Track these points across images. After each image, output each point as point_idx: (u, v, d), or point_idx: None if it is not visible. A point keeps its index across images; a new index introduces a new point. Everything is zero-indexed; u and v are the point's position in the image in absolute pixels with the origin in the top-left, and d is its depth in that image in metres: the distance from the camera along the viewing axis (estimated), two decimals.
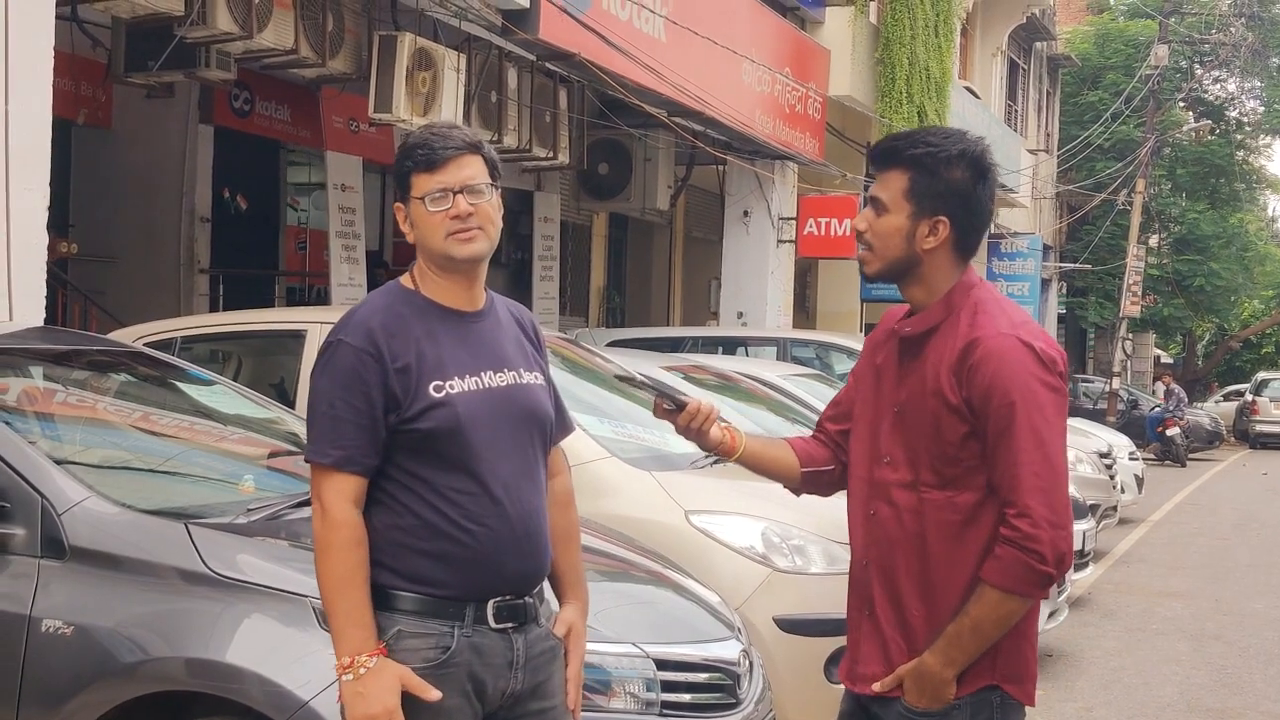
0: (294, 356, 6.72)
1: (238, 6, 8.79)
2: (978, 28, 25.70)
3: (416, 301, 2.94)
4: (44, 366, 4.89)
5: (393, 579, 2.84)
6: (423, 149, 2.90)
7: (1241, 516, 17.73)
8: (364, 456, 2.82)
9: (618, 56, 11.33)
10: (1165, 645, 9.13)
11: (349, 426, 2.81)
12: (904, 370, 2.96)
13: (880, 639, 2.96)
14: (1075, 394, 29.16)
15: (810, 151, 16.17)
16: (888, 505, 2.94)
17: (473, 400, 2.88)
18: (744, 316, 16.28)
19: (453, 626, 2.84)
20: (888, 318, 3.12)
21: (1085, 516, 10.46)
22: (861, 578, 3.02)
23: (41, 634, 3.55)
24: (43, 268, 6.44)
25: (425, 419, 2.83)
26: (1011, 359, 2.80)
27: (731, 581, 5.37)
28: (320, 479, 2.85)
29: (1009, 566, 2.77)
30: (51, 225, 6.59)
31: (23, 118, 6.27)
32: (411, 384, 2.84)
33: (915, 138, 2.95)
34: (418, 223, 2.92)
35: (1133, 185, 30.13)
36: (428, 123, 3.56)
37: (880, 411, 3.01)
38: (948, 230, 2.90)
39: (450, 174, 2.88)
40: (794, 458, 3.21)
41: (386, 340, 2.84)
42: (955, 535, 2.86)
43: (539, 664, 2.97)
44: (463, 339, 2.94)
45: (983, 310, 2.89)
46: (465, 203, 2.88)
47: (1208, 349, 45.82)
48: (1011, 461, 2.78)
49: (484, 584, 2.87)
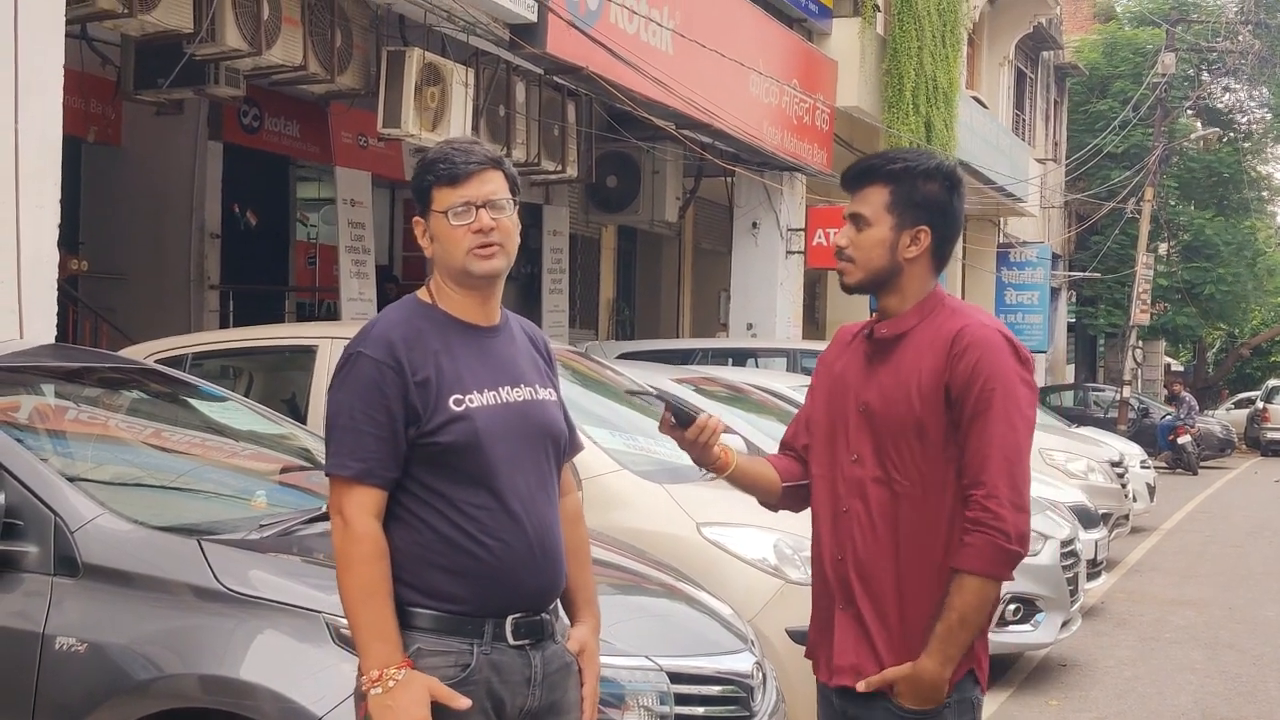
0: (305, 372, 6.73)
1: (247, 24, 8.82)
2: (984, 37, 25.72)
3: (434, 315, 2.94)
4: (56, 384, 4.90)
5: (411, 595, 2.82)
6: (445, 163, 2.90)
7: (1254, 524, 17.67)
8: (384, 469, 2.81)
9: (626, 70, 11.35)
10: (1179, 654, 9.10)
11: (369, 439, 2.80)
12: (871, 371, 3.11)
13: (861, 630, 3.06)
14: (1086, 402, 29.10)
15: (818, 162, 16.18)
16: (860, 501, 3.06)
17: (491, 415, 2.88)
18: (753, 328, 16.27)
19: (472, 644, 2.83)
20: (843, 333, 3.31)
21: (1097, 525, 10.45)
22: (838, 573, 3.10)
23: (55, 651, 3.55)
24: (54, 285, 6.45)
25: (445, 432, 2.82)
26: (996, 349, 2.98)
27: (744, 593, 5.37)
28: (340, 491, 2.83)
29: (982, 551, 2.91)
30: (62, 242, 6.60)
31: (33, 136, 6.28)
32: (431, 397, 2.83)
33: (891, 156, 3.15)
34: (438, 236, 2.92)
35: (1141, 193, 30.08)
36: (444, 139, 3.53)
37: (845, 413, 3.13)
38: (929, 240, 3.08)
39: (473, 188, 2.88)
40: (775, 474, 3.28)
41: (406, 353, 2.84)
42: (927, 524, 3.00)
43: (555, 681, 2.95)
44: (480, 354, 2.94)
45: (960, 310, 3.09)
46: (488, 217, 2.88)
47: (1218, 356, 45.73)
48: (985, 443, 2.93)
49: (502, 600, 2.86)
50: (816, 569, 3.20)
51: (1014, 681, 8.18)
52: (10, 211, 6.16)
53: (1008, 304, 27.13)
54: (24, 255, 6.20)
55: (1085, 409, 27.85)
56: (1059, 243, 32.28)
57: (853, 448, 3.09)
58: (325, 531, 4.07)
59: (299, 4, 9.34)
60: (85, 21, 8.63)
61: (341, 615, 3.30)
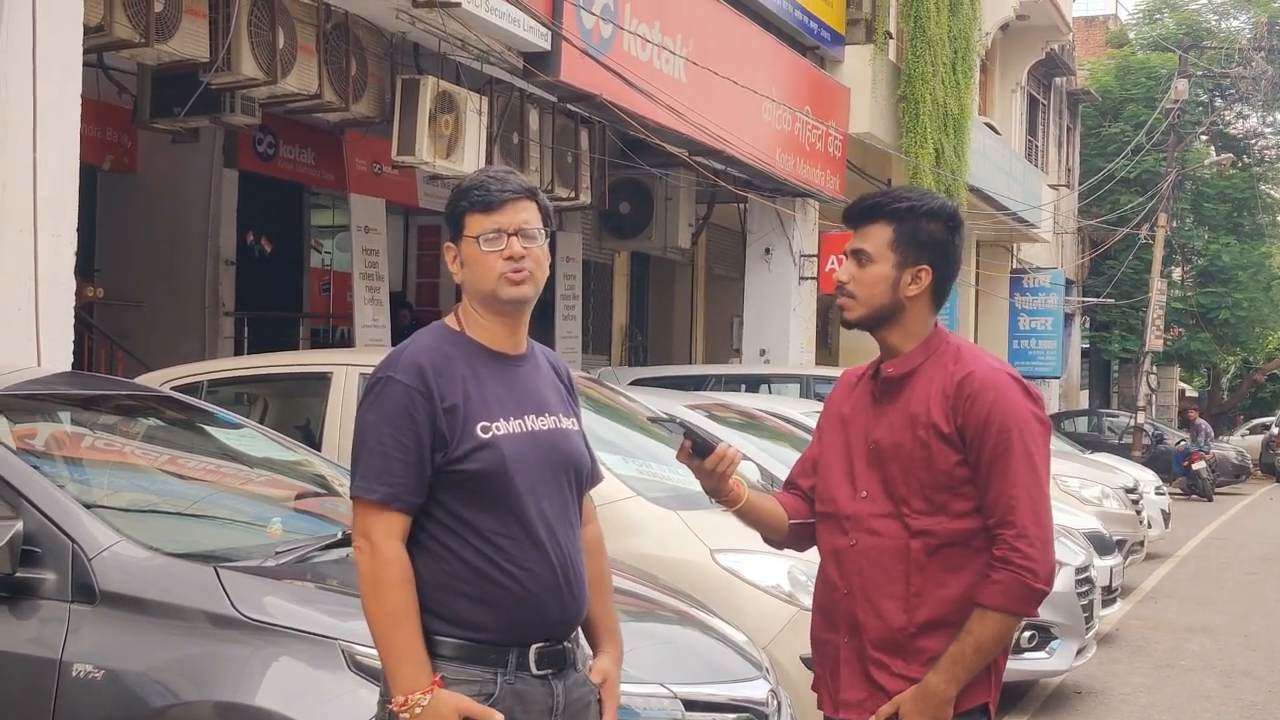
0: (320, 399, 6.75)
1: (262, 53, 8.88)
2: (997, 64, 25.75)
3: (461, 343, 2.96)
4: (72, 411, 4.92)
5: (435, 624, 2.83)
6: (480, 190, 2.95)
7: (1270, 550, 17.59)
8: (410, 494, 2.83)
9: (638, 97, 11.39)
10: (1195, 681, 9.06)
11: (397, 464, 2.81)
12: (879, 410, 3.16)
13: (862, 662, 3.09)
14: (1100, 428, 29.04)
15: (831, 189, 16.20)
16: (869, 535, 3.10)
17: (518, 443, 2.90)
18: (767, 354, 16.27)
19: (495, 672, 2.84)
20: (848, 375, 3.37)
21: (1112, 552, 10.42)
22: (843, 605, 3.13)
23: (72, 678, 3.56)
24: (70, 313, 6.49)
25: (472, 460, 2.84)
26: (1007, 391, 3.04)
27: (758, 620, 5.36)
28: (366, 515, 2.83)
29: (1010, 589, 2.97)
30: (77, 270, 6.65)
31: (51, 164, 6.33)
32: (459, 424, 2.85)
33: (894, 195, 3.21)
34: (469, 262, 2.95)
35: (1155, 219, 30.06)
36: (477, 167, 3.56)
37: (852, 453, 3.18)
38: (929, 278, 3.14)
39: (506, 216, 2.93)
40: (783, 511, 3.31)
41: (435, 379, 2.86)
42: (940, 554, 3.04)
43: (576, 710, 2.96)
44: (506, 381, 2.96)
45: (965, 352, 3.14)
46: (519, 244, 2.92)
47: (1233, 382, 45.58)
48: (1010, 484, 2.99)
49: (526, 629, 2.87)
50: (822, 604, 3.23)
51: (1029, 709, 8.15)
52: (28, 239, 6.20)
53: (1021, 330, 27.08)
54: (41, 283, 6.24)
55: (1099, 435, 27.79)
56: (1073, 268, 32.25)
57: (861, 485, 3.13)
58: (341, 558, 4.11)
59: (314, 33, 9.40)
60: (102, 51, 8.70)
61: (357, 642, 3.37)
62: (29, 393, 4.82)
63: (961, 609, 3.00)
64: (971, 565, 3.02)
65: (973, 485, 3.02)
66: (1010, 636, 3.06)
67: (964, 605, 3.00)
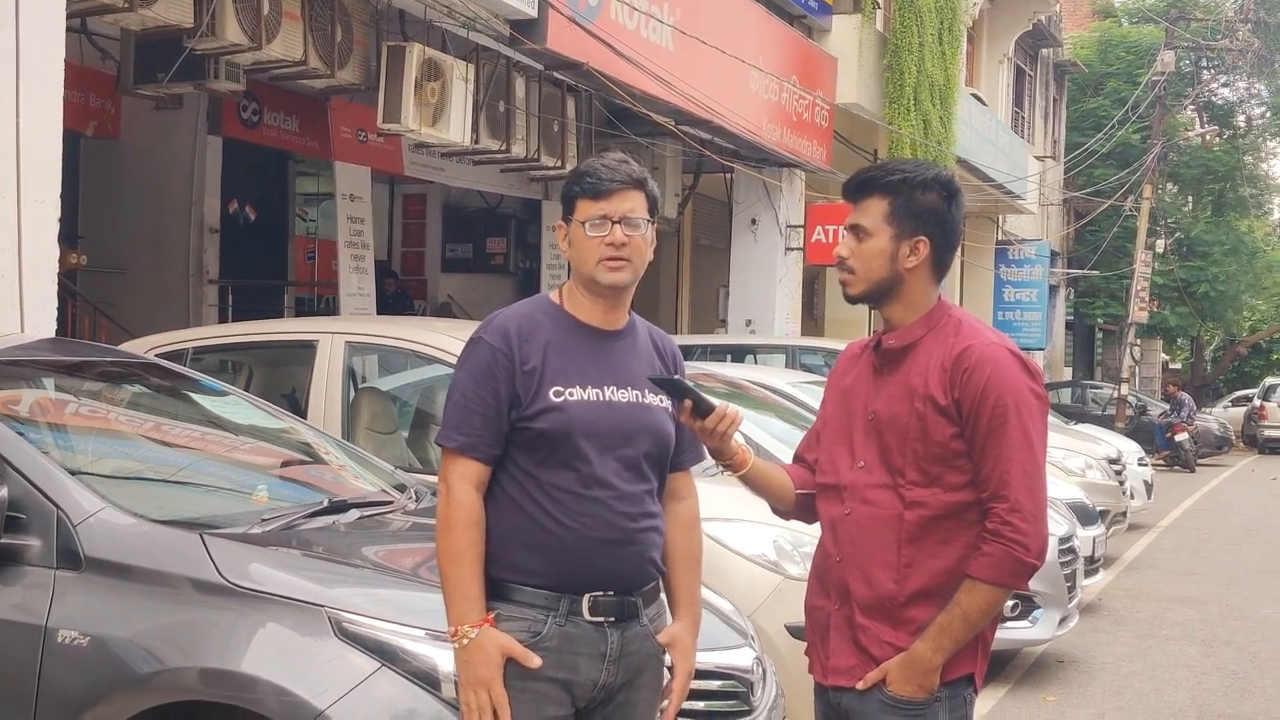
0: (305, 367, 6.73)
1: (247, 18, 8.82)
2: (984, 34, 25.71)
3: (556, 315, 3.16)
4: (57, 378, 4.90)
5: (498, 569, 3.05)
6: (591, 177, 3.14)
7: (1251, 521, 17.69)
8: (486, 445, 3.05)
9: (625, 66, 11.35)
10: (1176, 651, 9.11)
11: (476, 416, 3.04)
12: (879, 382, 3.17)
13: (851, 629, 3.12)
14: (1084, 400, 29.14)
15: (818, 159, 16.19)
16: (864, 504, 3.12)
17: (589, 409, 3.08)
18: (752, 324, 16.28)
19: (547, 614, 3.04)
20: (851, 348, 3.38)
21: (1095, 522, 10.46)
22: (835, 573, 3.16)
23: (57, 644, 3.56)
24: (54, 279, 6.45)
25: (540, 419, 3.04)
26: (1004, 365, 3.04)
27: (744, 589, 5.38)
28: (447, 461, 3.07)
29: (1000, 562, 2.99)
30: (61, 237, 6.61)
31: (34, 130, 6.29)
32: (534, 386, 3.06)
33: (889, 167, 3.20)
34: (575, 243, 3.14)
35: (1139, 191, 30.08)
36: (596, 156, 3.50)
37: (852, 423, 3.20)
38: (928, 249, 3.13)
39: (613, 204, 3.11)
40: (790, 481, 3.33)
41: (519, 343, 3.08)
42: (933, 526, 3.06)
43: (635, 663, 3.13)
44: (593, 353, 3.15)
45: (965, 325, 3.14)
46: (622, 233, 3.11)
47: (1215, 354, 45.72)
48: (1005, 458, 3.00)
49: (576, 578, 3.05)
50: (818, 571, 3.26)
51: (1011, 678, 8.19)
52: (12, 206, 6.17)
53: (1006, 301, 27.13)
54: (25, 250, 6.21)
55: (1083, 406, 27.89)
56: (1057, 240, 32.28)
57: (859, 455, 3.15)
58: (327, 526, 4.12)
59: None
60: (85, 16, 8.64)
61: (343, 609, 3.47)
62: (13, 359, 4.80)
63: (952, 580, 3.02)
64: (964, 538, 3.04)
65: (968, 459, 3.03)
66: (999, 609, 3.08)
67: (954, 577, 3.02)
